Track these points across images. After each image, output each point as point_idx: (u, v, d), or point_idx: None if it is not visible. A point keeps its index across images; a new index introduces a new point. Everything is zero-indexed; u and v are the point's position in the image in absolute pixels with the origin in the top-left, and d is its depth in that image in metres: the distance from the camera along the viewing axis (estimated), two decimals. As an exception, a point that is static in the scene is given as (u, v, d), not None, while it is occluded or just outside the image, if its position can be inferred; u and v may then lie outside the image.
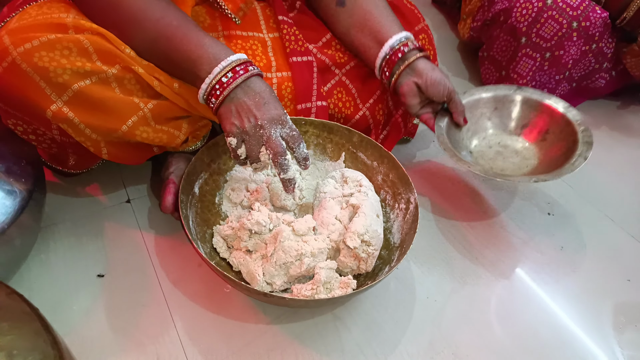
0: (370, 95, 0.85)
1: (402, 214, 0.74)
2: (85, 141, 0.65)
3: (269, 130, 0.61)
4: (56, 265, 0.71)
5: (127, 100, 0.64)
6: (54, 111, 0.60)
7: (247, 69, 0.61)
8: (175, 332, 0.65)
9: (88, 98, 0.61)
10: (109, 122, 0.63)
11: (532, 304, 0.74)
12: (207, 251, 0.68)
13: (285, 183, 0.65)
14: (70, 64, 0.59)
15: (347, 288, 0.63)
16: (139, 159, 0.75)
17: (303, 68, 0.78)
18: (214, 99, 0.62)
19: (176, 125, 0.70)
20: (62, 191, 0.81)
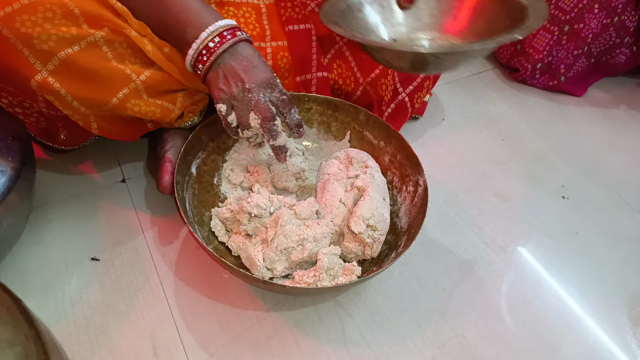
0: (372, 68, 0.79)
1: (410, 196, 0.70)
2: (73, 114, 0.61)
3: (257, 94, 0.59)
4: (49, 246, 0.68)
5: (118, 71, 0.60)
6: (39, 81, 0.56)
7: (234, 33, 0.59)
8: (172, 318, 0.63)
9: (75, 67, 0.57)
10: (98, 94, 0.60)
11: (544, 292, 0.71)
12: (204, 235, 0.65)
13: (276, 151, 0.62)
14: (55, 29, 0.54)
15: (351, 275, 0.60)
16: (133, 135, 0.71)
17: (300, 37, 0.73)
18: (200, 65, 0.60)
19: (171, 98, 0.66)
20: (54, 169, 0.78)
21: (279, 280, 0.63)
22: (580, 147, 0.95)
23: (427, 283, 0.70)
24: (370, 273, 0.63)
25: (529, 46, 0.99)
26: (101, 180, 0.78)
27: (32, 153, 0.67)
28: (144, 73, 0.62)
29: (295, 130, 0.63)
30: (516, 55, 1.03)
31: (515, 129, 0.97)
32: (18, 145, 0.64)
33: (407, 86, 0.85)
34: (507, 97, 1.04)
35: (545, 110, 1.02)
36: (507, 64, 1.07)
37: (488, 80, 1.08)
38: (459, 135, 0.94)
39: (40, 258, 0.67)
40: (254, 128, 0.61)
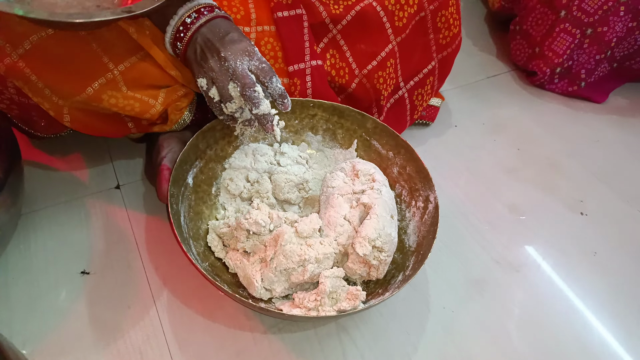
0: (370, 58, 0.72)
1: (420, 213, 0.66)
2: (42, 102, 0.58)
3: (234, 62, 0.56)
4: (36, 257, 0.65)
5: (94, 59, 0.56)
6: (7, 65, 0.53)
7: (212, 9, 0.58)
8: (163, 337, 0.59)
9: (50, 51, 0.53)
10: (72, 82, 0.56)
11: (559, 316, 0.67)
12: (200, 250, 0.62)
13: (262, 121, 0.58)
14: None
15: (355, 300, 0.56)
16: (110, 133, 0.67)
17: (291, 24, 0.68)
18: (179, 42, 0.58)
19: (152, 94, 0.62)
20: (43, 173, 0.74)
21: (278, 301, 0.60)
22: (599, 156, 0.90)
23: (434, 304, 0.66)
24: (376, 295, 0.60)
25: (549, 49, 0.93)
26: (94, 185, 0.74)
27: (18, 158, 0.64)
28: (124, 63, 0.58)
29: (279, 101, 0.58)
30: (534, 58, 0.97)
31: (530, 137, 0.92)
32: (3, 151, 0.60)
33: (408, 81, 0.79)
34: (522, 102, 0.99)
35: (563, 116, 0.97)
36: (524, 67, 1.01)
37: (503, 84, 1.02)
38: (471, 143, 0.90)
39: (27, 271, 0.63)
40: (235, 99, 0.57)
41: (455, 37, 0.79)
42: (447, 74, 0.84)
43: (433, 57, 0.79)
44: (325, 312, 0.55)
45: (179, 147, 0.68)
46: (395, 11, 0.71)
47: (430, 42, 0.78)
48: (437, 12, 0.75)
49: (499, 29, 1.14)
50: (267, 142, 0.74)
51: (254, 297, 0.59)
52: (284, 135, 0.74)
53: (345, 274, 0.59)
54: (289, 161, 0.72)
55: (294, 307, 0.57)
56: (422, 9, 0.73)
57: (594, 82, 0.97)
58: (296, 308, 0.56)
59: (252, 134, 0.67)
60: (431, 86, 0.82)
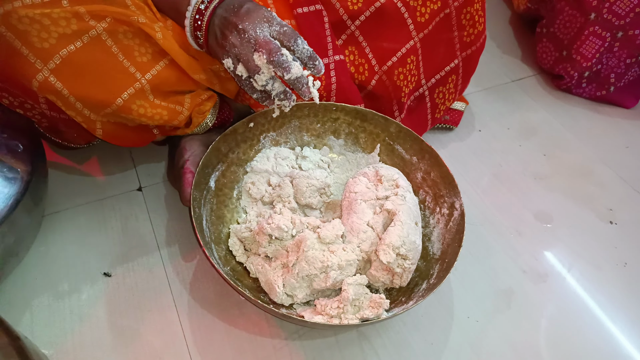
0: (390, 54, 0.70)
1: (445, 220, 0.64)
2: (76, 116, 0.58)
3: (253, 31, 0.54)
4: (57, 259, 0.65)
5: (122, 69, 0.56)
6: (40, 81, 0.53)
7: None
8: (184, 342, 0.59)
9: (78, 65, 0.53)
10: (102, 94, 0.56)
11: (588, 328, 0.65)
12: (221, 254, 0.61)
13: (297, 85, 0.55)
14: (54, 25, 0.51)
15: (378, 308, 0.55)
16: (139, 142, 0.67)
17: (312, 19, 0.67)
18: (198, 32, 0.57)
19: (178, 100, 0.62)
20: (66, 174, 0.74)
21: (300, 307, 0.59)
22: (630, 163, 0.87)
23: (459, 314, 0.64)
24: (399, 304, 0.58)
25: (577, 52, 0.90)
26: (116, 187, 0.74)
27: (44, 160, 0.64)
28: (150, 71, 0.58)
29: (310, 64, 0.55)
30: (561, 61, 0.95)
31: (558, 142, 0.90)
32: (29, 152, 0.61)
33: (429, 78, 0.77)
34: (549, 107, 0.97)
35: (591, 121, 0.95)
36: (550, 71, 0.99)
37: (528, 88, 1.00)
38: (497, 148, 0.88)
39: (48, 273, 0.64)
40: (263, 68, 0.54)
41: (480, 34, 0.77)
42: (471, 72, 0.82)
43: (456, 55, 0.77)
44: (348, 320, 0.54)
45: (201, 150, 0.68)
46: (417, 7, 0.69)
47: (454, 40, 0.76)
48: (462, 8, 0.73)
49: (524, 31, 1.12)
50: (288, 146, 0.73)
51: (275, 302, 0.58)
52: (305, 139, 0.73)
53: (367, 281, 0.58)
54: (311, 165, 0.71)
55: (315, 314, 0.56)
56: (447, 6, 0.71)
57: (624, 86, 0.94)
58: (318, 315, 0.55)
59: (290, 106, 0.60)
60: (454, 85, 0.80)
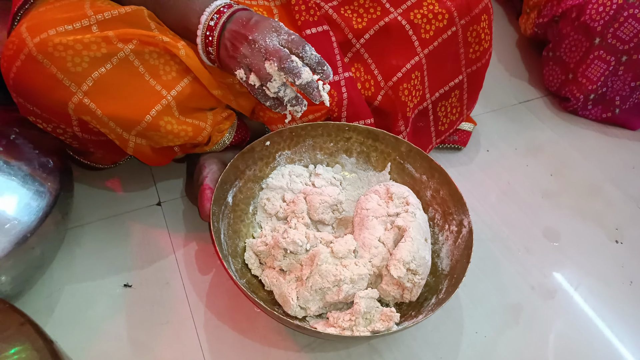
0: (395, 70, 0.73)
1: (453, 237, 0.66)
2: (109, 133, 0.61)
3: (263, 41, 0.57)
4: (79, 271, 0.68)
5: (149, 88, 0.60)
6: (76, 104, 0.57)
7: (231, 6, 0.59)
8: (201, 355, 0.61)
9: (108, 86, 0.57)
10: (131, 113, 0.59)
11: (596, 344, 0.66)
12: (237, 267, 0.63)
13: (307, 90, 0.58)
14: (86, 50, 0.55)
15: (388, 321, 0.57)
16: (160, 161, 0.70)
17: (320, 39, 0.70)
18: (210, 48, 0.60)
19: (201, 117, 0.66)
20: (89, 189, 0.77)
21: (312, 319, 0.61)
22: (637, 182, 0.89)
23: (468, 330, 0.66)
24: (409, 318, 0.60)
25: (582, 75, 0.93)
26: (136, 202, 0.77)
27: (71, 176, 0.67)
28: (175, 88, 0.61)
29: (319, 69, 0.57)
30: (567, 84, 0.97)
31: (565, 162, 0.92)
32: (58, 168, 0.64)
33: (434, 93, 0.79)
34: (555, 128, 0.99)
35: (597, 142, 0.97)
36: (557, 93, 1.01)
37: (535, 109, 1.02)
38: (505, 167, 0.90)
39: (70, 284, 0.66)
40: (275, 76, 0.57)
41: (486, 51, 0.79)
42: (478, 89, 0.84)
43: (461, 71, 0.79)
44: (360, 332, 0.56)
45: (219, 167, 0.71)
46: (422, 24, 0.72)
47: (460, 56, 0.78)
48: (468, 26, 0.75)
49: (532, 54, 1.15)
50: (302, 164, 0.76)
51: (288, 314, 0.60)
52: (318, 157, 0.76)
53: (379, 295, 0.60)
54: (324, 182, 0.74)
55: (328, 326, 0.58)
56: (453, 24, 0.73)
57: (629, 108, 0.96)
58: (330, 327, 0.57)
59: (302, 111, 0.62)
60: (457, 99, 0.82)
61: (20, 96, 0.60)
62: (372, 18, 0.72)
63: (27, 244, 0.57)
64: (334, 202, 0.69)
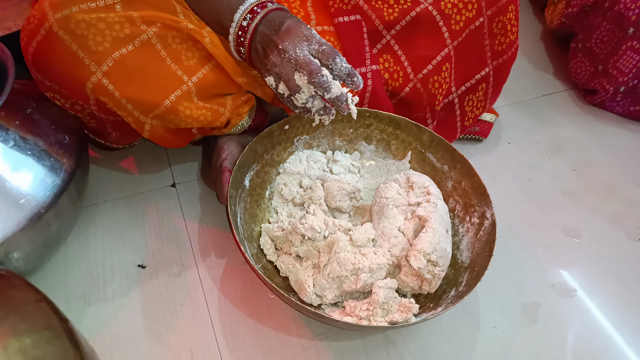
0: (425, 62, 0.71)
1: (474, 229, 0.65)
2: (126, 116, 0.60)
3: (294, 52, 0.54)
4: (94, 249, 0.67)
5: (170, 72, 0.58)
6: (94, 83, 0.56)
7: (265, 5, 0.57)
8: (214, 338, 0.60)
9: (129, 67, 0.56)
10: (150, 96, 0.58)
11: (615, 346, 0.64)
12: (253, 252, 0.62)
13: (336, 103, 0.56)
14: (109, 29, 0.54)
15: (407, 312, 0.56)
16: (179, 143, 0.69)
17: (351, 29, 0.68)
18: (241, 47, 0.58)
19: (220, 102, 0.64)
20: (104, 169, 0.77)
21: (328, 307, 0.60)
22: (660, 183, 0.86)
23: (485, 325, 0.64)
24: (427, 309, 0.59)
25: (613, 67, 0.90)
26: (151, 183, 0.76)
27: (87, 153, 0.66)
28: (197, 74, 0.60)
29: (349, 81, 0.56)
30: (596, 76, 0.94)
31: (588, 158, 0.89)
32: (74, 145, 0.63)
33: (459, 86, 0.78)
34: (579, 122, 0.96)
35: (622, 138, 0.94)
36: (584, 86, 0.98)
37: (559, 103, 1.00)
38: (526, 161, 0.87)
39: (84, 262, 0.66)
40: (304, 88, 0.55)
41: (512, 44, 0.77)
42: (503, 82, 0.82)
43: (487, 64, 0.77)
44: (377, 322, 0.55)
45: (238, 150, 0.70)
46: (452, 15, 0.70)
47: (485, 48, 0.76)
48: (494, 17, 0.73)
49: (556, 47, 1.11)
50: (320, 150, 0.74)
51: (304, 302, 0.59)
52: (337, 144, 0.74)
53: (397, 285, 0.59)
54: (342, 169, 0.72)
55: (344, 315, 0.57)
56: (481, 14, 0.71)
57: (659, 103, 0.93)
58: (347, 316, 0.56)
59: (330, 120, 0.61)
60: (484, 93, 0.80)
61: (39, 72, 0.58)
62: (403, 9, 0.69)
63: (42, 220, 0.56)
64: (352, 190, 0.68)
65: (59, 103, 0.63)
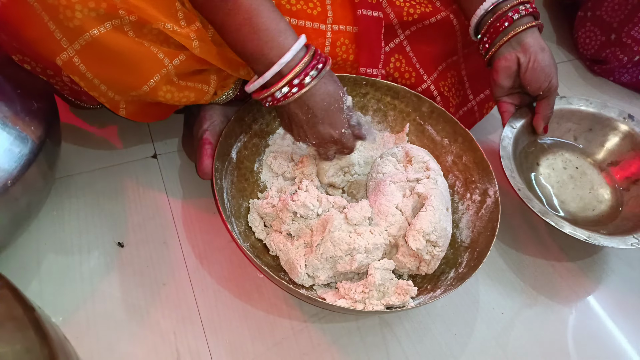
0: (435, 64, 0.71)
1: (475, 207, 0.61)
2: (99, 97, 0.55)
3: (331, 132, 0.55)
4: (69, 225, 0.62)
5: (150, 55, 0.52)
6: (64, 60, 0.50)
7: (302, 84, 0.50)
8: (199, 320, 0.56)
9: (104, 49, 0.49)
10: (128, 80, 0.53)
11: (618, 330, 0.62)
12: (241, 230, 0.58)
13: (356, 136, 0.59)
14: (83, 3, 0.46)
15: (404, 295, 0.52)
16: (163, 115, 0.64)
17: (371, 24, 0.64)
18: (272, 102, 0.53)
19: (203, 79, 0.59)
20: (80, 138, 0.71)
21: (320, 288, 0.56)
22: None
23: (485, 306, 0.62)
24: (425, 291, 0.56)
25: (627, 36, 0.86)
26: (131, 154, 0.71)
27: (58, 121, 0.61)
28: (178, 57, 0.54)
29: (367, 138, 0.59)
30: (608, 46, 0.90)
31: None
32: (43, 112, 0.57)
33: (477, 94, 0.75)
34: (582, 94, 0.92)
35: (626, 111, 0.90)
36: (594, 57, 0.94)
37: (563, 74, 0.94)
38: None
39: (59, 238, 0.61)
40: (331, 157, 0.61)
41: None
42: None
43: None
44: (373, 306, 0.51)
45: (222, 120, 0.65)
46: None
47: None
48: None
49: (560, 15, 1.06)
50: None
51: (295, 282, 0.55)
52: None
53: (394, 266, 0.55)
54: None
55: (338, 297, 0.53)
56: None
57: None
58: (341, 299, 0.53)
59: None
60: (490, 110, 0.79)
61: (5, 32, 0.52)
62: (424, 12, 0.67)
63: (9, 193, 0.51)
64: (345, 164, 0.64)
65: (28, 67, 0.57)
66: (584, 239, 0.59)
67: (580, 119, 0.73)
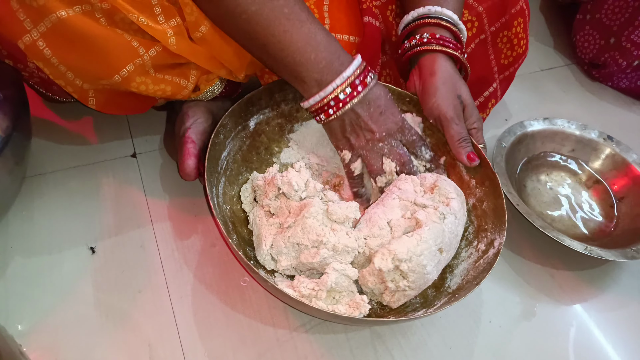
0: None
1: (477, 256, 0.55)
2: (65, 86, 0.51)
3: (389, 143, 0.55)
4: (39, 226, 0.58)
5: (123, 43, 0.48)
6: (28, 44, 0.46)
7: (365, 82, 0.52)
8: (175, 330, 0.52)
9: (71, 33, 0.46)
10: (99, 68, 0.49)
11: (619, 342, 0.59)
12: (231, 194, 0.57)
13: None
14: None
15: (354, 310, 0.48)
16: (138, 108, 0.60)
17: (375, 34, 0.62)
18: (324, 115, 0.53)
19: (182, 72, 0.55)
20: (54, 134, 0.67)
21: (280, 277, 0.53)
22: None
23: (481, 318, 0.58)
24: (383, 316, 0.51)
25: (627, 40, 0.83)
26: (108, 152, 0.67)
27: (27, 113, 0.57)
28: (155, 47, 0.50)
29: (430, 165, 0.59)
30: (607, 49, 0.88)
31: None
32: (12, 103, 0.53)
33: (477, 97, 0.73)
34: (580, 99, 0.90)
35: (621, 117, 0.88)
36: (593, 60, 0.91)
37: (560, 78, 0.93)
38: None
39: (28, 240, 0.57)
40: (387, 174, 0.56)
41: (520, 56, 0.71)
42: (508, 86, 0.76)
43: (494, 79, 0.72)
44: (317, 306, 0.47)
45: (206, 117, 0.61)
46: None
47: (491, 64, 0.71)
48: (497, 33, 0.69)
49: (558, 18, 1.04)
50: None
51: (257, 261, 0.52)
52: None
53: (357, 277, 0.50)
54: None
55: (287, 286, 0.49)
56: (482, 32, 0.68)
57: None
58: (289, 288, 0.49)
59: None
60: (492, 107, 0.76)
61: None
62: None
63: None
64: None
65: None
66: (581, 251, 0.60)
67: (563, 139, 0.75)
